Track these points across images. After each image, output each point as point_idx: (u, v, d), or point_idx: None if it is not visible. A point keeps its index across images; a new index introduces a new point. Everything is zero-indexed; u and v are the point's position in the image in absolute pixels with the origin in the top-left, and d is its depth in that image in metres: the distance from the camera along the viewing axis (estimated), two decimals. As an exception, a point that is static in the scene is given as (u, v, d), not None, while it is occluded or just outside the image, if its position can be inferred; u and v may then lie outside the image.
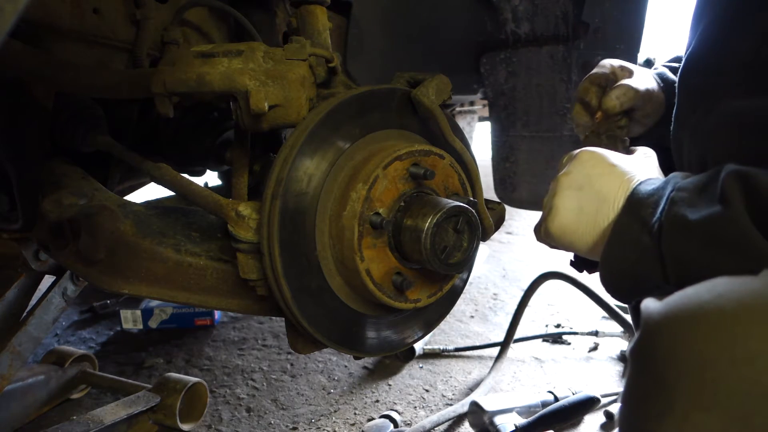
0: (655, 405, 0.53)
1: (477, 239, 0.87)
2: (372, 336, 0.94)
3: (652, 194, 0.74)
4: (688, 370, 0.52)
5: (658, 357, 0.54)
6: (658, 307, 0.57)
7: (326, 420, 1.65)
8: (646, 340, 0.56)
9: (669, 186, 0.73)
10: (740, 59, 0.81)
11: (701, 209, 0.66)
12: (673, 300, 0.57)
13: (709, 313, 0.53)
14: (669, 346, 0.54)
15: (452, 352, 2.05)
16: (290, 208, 0.81)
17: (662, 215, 0.70)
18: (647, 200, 0.74)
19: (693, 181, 0.71)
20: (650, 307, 0.58)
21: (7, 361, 1.32)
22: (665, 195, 0.72)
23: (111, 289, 0.94)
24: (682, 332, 0.54)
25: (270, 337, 2.19)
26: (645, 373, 0.56)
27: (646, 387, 0.55)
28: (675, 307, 0.56)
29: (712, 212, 0.65)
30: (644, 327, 0.57)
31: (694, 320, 0.53)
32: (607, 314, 1.98)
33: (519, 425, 1.48)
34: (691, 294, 0.56)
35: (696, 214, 0.67)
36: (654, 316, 0.56)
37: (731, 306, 0.52)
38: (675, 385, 0.52)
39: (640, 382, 0.57)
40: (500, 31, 1.70)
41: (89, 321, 2.37)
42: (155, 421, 1.44)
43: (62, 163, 1.03)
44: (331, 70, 0.91)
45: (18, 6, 0.38)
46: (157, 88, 0.81)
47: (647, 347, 0.56)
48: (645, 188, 0.76)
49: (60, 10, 0.90)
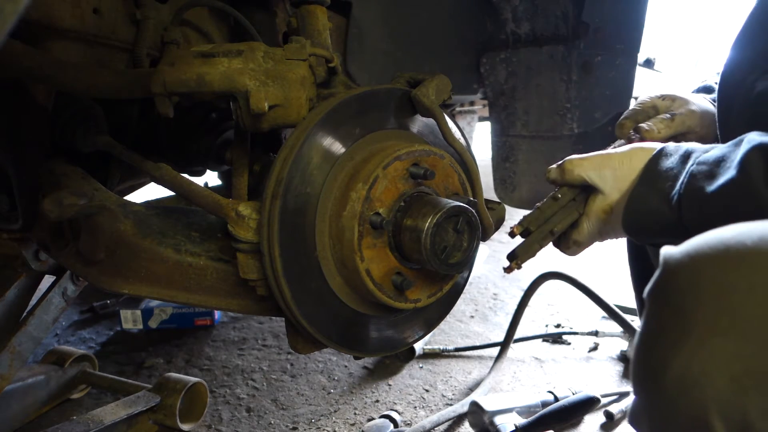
0: (670, 335, 0.53)
1: (477, 239, 0.87)
2: (372, 336, 0.94)
3: (671, 168, 0.76)
4: (707, 298, 0.51)
5: (677, 290, 0.54)
6: (679, 248, 0.57)
7: (326, 420, 1.65)
8: (666, 277, 0.56)
9: (690, 160, 0.75)
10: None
11: (719, 179, 0.68)
12: (694, 241, 0.57)
13: (730, 247, 0.53)
14: (689, 278, 0.54)
15: (452, 352, 2.05)
16: (290, 208, 0.81)
17: (682, 188, 0.72)
18: (667, 173, 0.76)
19: (714, 155, 0.72)
20: (670, 250, 0.58)
21: (7, 361, 1.32)
22: (686, 169, 0.74)
23: (111, 289, 0.94)
24: (702, 264, 0.54)
25: (270, 337, 2.19)
26: (663, 307, 0.56)
27: (663, 320, 0.55)
28: (696, 246, 0.56)
29: (729, 178, 0.67)
30: (664, 266, 0.57)
31: (715, 253, 0.54)
32: (607, 314, 1.98)
33: (519, 425, 1.48)
34: (712, 234, 0.57)
35: (714, 185, 0.68)
36: (675, 255, 0.56)
37: (752, 240, 0.52)
38: (692, 313, 0.52)
39: (657, 316, 0.56)
40: (500, 31, 1.70)
41: (89, 321, 2.37)
42: (155, 421, 1.44)
43: (62, 163, 1.02)
44: (331, 70, 0.92)
45: (18, 6, 0.38)
46: (157, 88, 0.81)
47: (666, 283, 0.56)
48: (664, 162, 0.78)
49: (60, 10, 0.90)
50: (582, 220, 0.91)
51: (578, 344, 2.13)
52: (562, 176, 0.91)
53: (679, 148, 0.80)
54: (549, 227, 0.92)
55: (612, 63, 1.67)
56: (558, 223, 0.91)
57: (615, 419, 1.61)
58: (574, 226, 0.92)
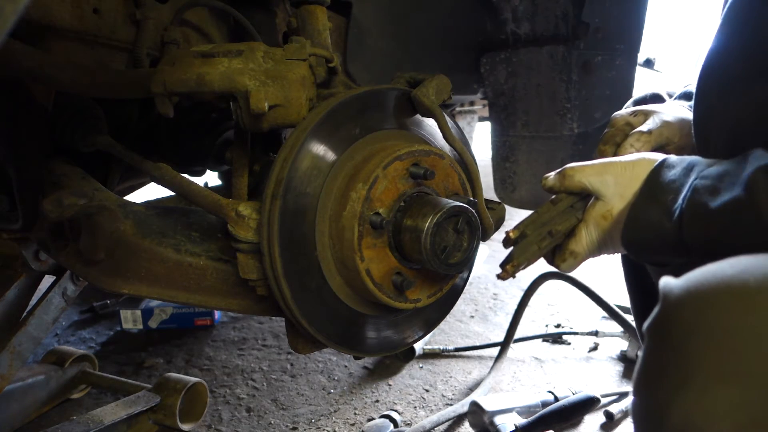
0: (673, 377, 0.51)
1: (477, 239, 0.87)
2: (372, 336, 0.94)
3: (674, 180, 0.75)
4: (710, 341, 0.50)
5: (678, 329, 0.53)
6: (679, 283, 0.56)
7: (326, 420, 1.65)
8: (666, 314, 0.55)
9: (693, 174, 0.73)
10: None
11: (723, 195, 0.67)
12: (695, 275, 0.56)
13: (732, 287, 0.52)
14: (690, 318, 0.52)
15: (452, 352, 2.05)
16: (290, 208, 0.81)
17: (684, 202, 0.70)
18: (669, 186, 0.75)
19: (717, 169, 0.71)
20: (670, 283, 0.56)
21: (7, 361, 1.32)
22: (688, 183, 0.72)
23: (111, 289, 0.94)
24: (704, 304, 0.52)
25: (270, 337, 2.19)
26: (664, 345, 0.54)
27: (664, 359, 0.53)
28: (697, 282, 0.54)
29: (734, 196, 0.65)
30: (664, 302, 0.55)
31: (717, 293, 0.52)
32: (607, 314, 1.98)
33: (519, 425, 1.48)
34: (713, 269, 0.55)
35: (717, 201, 0.67)
36: (675, 290, 0.55)
37: (756, 279, 0.51)
38: (695, 356, 0.50)
39: (657, 355, 0.55)
40: (500, 31, 1.70)
41: (89, 321, 2.37)
42: (155, 421, 1.44)
43: (62, 163, 1.02)
44: (331, 70, 0.91)
45: (18, 6, 0.38)
46: (157, 88, 0.81)
47: (667, 321, 0.55)
48: (666, 174, 0.77)
49: (60, 10, 0.90)
50: (580, 228, 0.87)
51: (578, 344, 2.13)
52: (562, 182, 0.88)
53: (682, 160, 0.78)
54: (547, 228, 0.88)
55: (612, 63, 1.67)
56: (557, 225, 0.88)
57: (615, 419, 1.61)
58: (571, 236, 0.88)
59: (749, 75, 0.80)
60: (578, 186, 0.87)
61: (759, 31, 0.80)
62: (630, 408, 0.55)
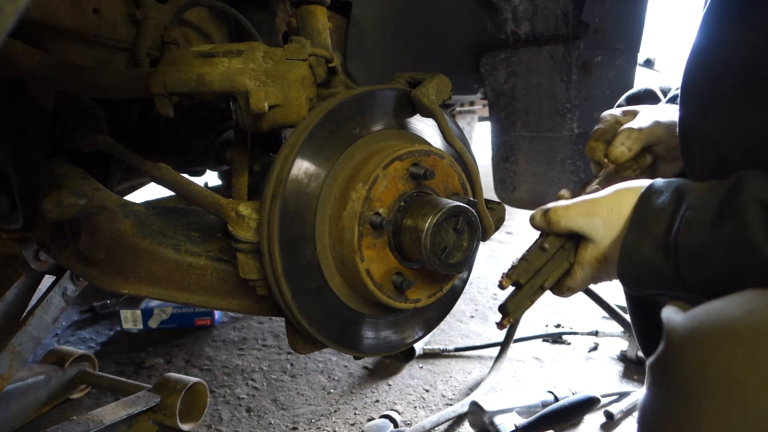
0: (679, 422, 0.51)
1: (477, 239, 0.87)
2: (372, 336, 0.94)
3: (663, 208, 0.72)
4: (717, 389, 0.49)
5: (684, 373, 0.52)
6: (683, 321, 0.55)
7: (326, 420, 1.65)
8: (671, 355, 0.54)
9: (683, 203, 0.70)
10: (745, 57, 0.76)
11: (716, 228, 0.64)
12: (700, 314, 0.54)
13: (738, 331, 0.51)
14: (696, 362, 0.52)
15: (452, 352, 2.05)
16: (290, 208, 0.81)
17: (677, 236, 0.68)
18: (659, 215, 0.72)
19: (707, 199, 0.68)
20: (674, 320, 0.55)
21: (7, 361, 1.32)
22: (679, 214, 0.70)
23: (111, 289, 0.94)
24: (710, 349, 0.51)
25: (270, 337, 2.19)
26: (669, 388, 0.54)
27: (669, 403, 0.53)
28: (702, 323, 0.53)
29: (728, 231, 0.63)
30: (668, 341, 0.55)
31: (724, 337, 0.51)
32: (607, 314, 1.98)
33: (519, 425, 1.48)
34: (719, 308, 0.54)
35: (710, 236, 0.64)
36: (679, 330, 0.54)
37: (763, 324, 0.50)
38: (702, 403, 0.50)
39: (663, 397, 0.54)
40: (500, 31, 1.69)
41: (89, 321, 2.37)
42: (155, 421, 1.44)
43: (62, 163, 1.02)
44: (331, 70, 0.91)
45: (18, 6, 0.38)
46: (157, 88, 0.81)
47: (672, 362, 0.54)
48: (655, 201, 0.73)
49: (60, 10, 0.90)
50: (575, 269, 0.86)
51: (578, 344, 2.13)
52: (549, 226, 0.85)
53: (669, 184, 0.75)
54: (539, 281, 0.88)
55: (612, 63, 1.67)
56: (548, 276, 0.87)
57: (615, 419, 1.61)
58: (567, 274, 0.87)
59: (729, 82, 0.77)
60: (566, 230, 0.84)
61: (735, 30, 0.78)
62: None
